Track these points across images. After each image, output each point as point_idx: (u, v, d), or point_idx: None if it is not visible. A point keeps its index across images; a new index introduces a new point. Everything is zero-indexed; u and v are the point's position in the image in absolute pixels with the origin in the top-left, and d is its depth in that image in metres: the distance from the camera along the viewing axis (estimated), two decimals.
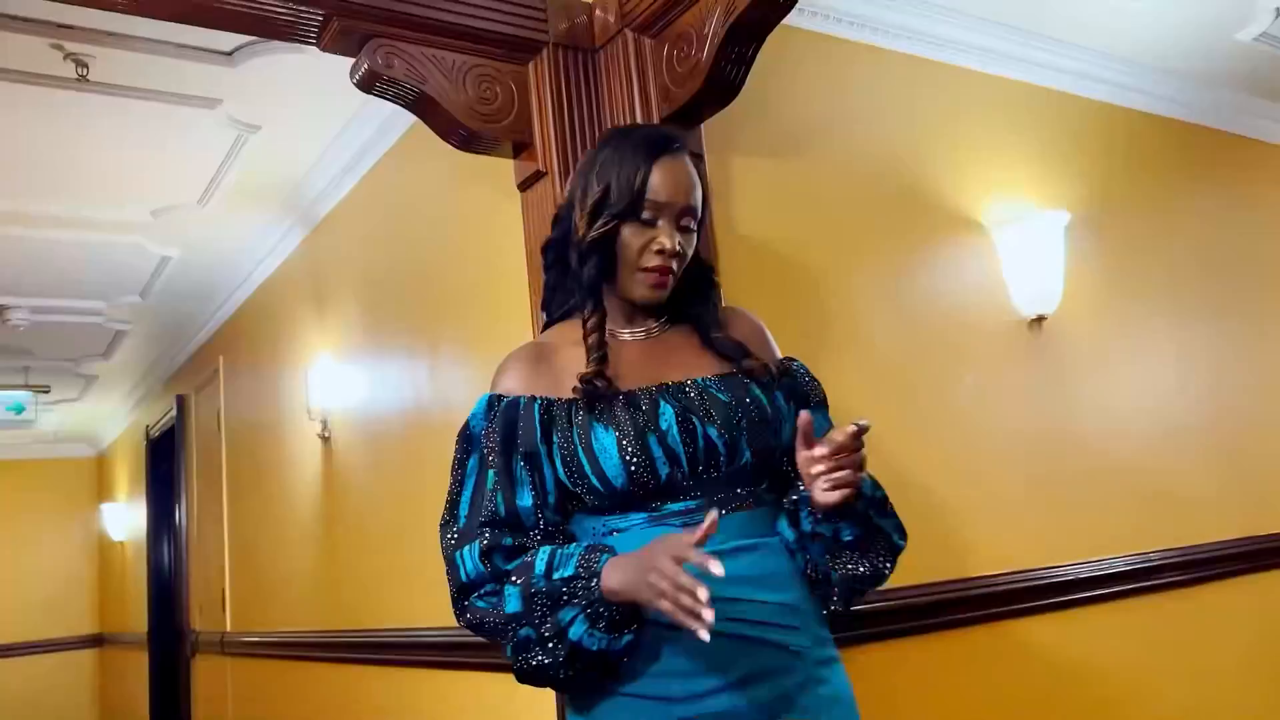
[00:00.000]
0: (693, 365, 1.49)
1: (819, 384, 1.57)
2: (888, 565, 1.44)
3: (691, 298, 1.56)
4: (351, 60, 2.00)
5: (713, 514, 1.24)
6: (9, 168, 3.42)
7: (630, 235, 1.45)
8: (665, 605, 1.20)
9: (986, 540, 2.49)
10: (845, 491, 1.31)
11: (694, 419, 1.40)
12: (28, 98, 2.94)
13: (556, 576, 1.32)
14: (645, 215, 1.45)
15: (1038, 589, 2.50)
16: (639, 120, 2.04)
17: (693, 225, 1.49)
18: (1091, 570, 2.63)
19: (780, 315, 2.27)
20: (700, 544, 1.22)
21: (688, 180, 1.48)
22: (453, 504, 1.44)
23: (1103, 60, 3.08)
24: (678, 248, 1.45)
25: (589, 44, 2.15)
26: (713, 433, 1.39)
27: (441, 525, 1.44)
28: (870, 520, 1.42)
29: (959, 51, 2.78)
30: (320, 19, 1.91)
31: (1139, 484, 2.87)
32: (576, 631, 1.30)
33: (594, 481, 1.39)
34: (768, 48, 1.97)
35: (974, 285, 2.69)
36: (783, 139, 2.43)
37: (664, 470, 1.38)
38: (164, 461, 6.35)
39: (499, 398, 1.45)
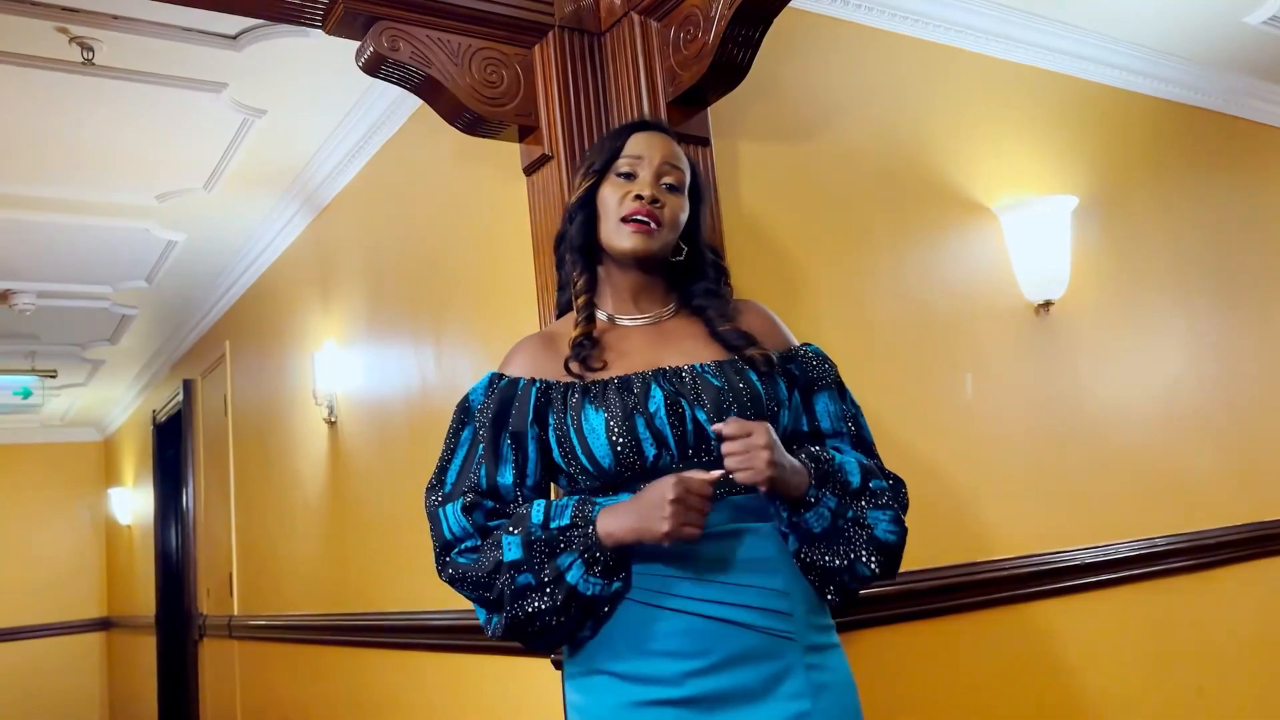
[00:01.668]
0: (694, 352, 1.50)
1: (831, 367, 1.58)
2: (872, 560, 1.43)
3: (697, 285, 1.58)
4: (357, 43, 1.99)
5: (718, 472, 1.33)
6: (14, 152, 3.42)
7: (609, 190, 1.53)
8: (670, 525, 1.30)
9: (992, 525, 2.49)
10: (746, 474, 1.34)
11: (683, 402, 1.41)
12: (33, 82, 2.93)
13: (554, 525, 1.38)
14: (623, 169, 1.53)
15: (1043, 574, 2.50)
16: (645, 103, 2.04)
17: (677, 186, 1.53)
18: (1097, 555, 2.63)
19: (786, 299, 2.29)
20: (708, 494, 1.33)
21: (666, 145, 1.56)
22: (441, 469, 1.51)
23: (1110, 44, 3.06)
24: (656, 195, 1.50)
25: (595, 27, 2.14)
26: (701, 416, 1.41)
27: (428, 488, 1.52)
28: (843, 515, 1.42)
29: (966, 35, 2.76)
30: (326, 1, 1.91)
31: (1145, 469, 2.87)
32: (574, 576, 1.36)
33: (584, 462, 1.43)
34: (774, 31, 1.96)
35: (980, 270, 2.68)
36: (789, 123, 2.42)
37: (650, 452, 1.40)
38: (171, 446, 6.37)
39: (500, 376, 1.52)
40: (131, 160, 3.57)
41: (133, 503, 7.83)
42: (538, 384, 1.48)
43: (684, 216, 1.54)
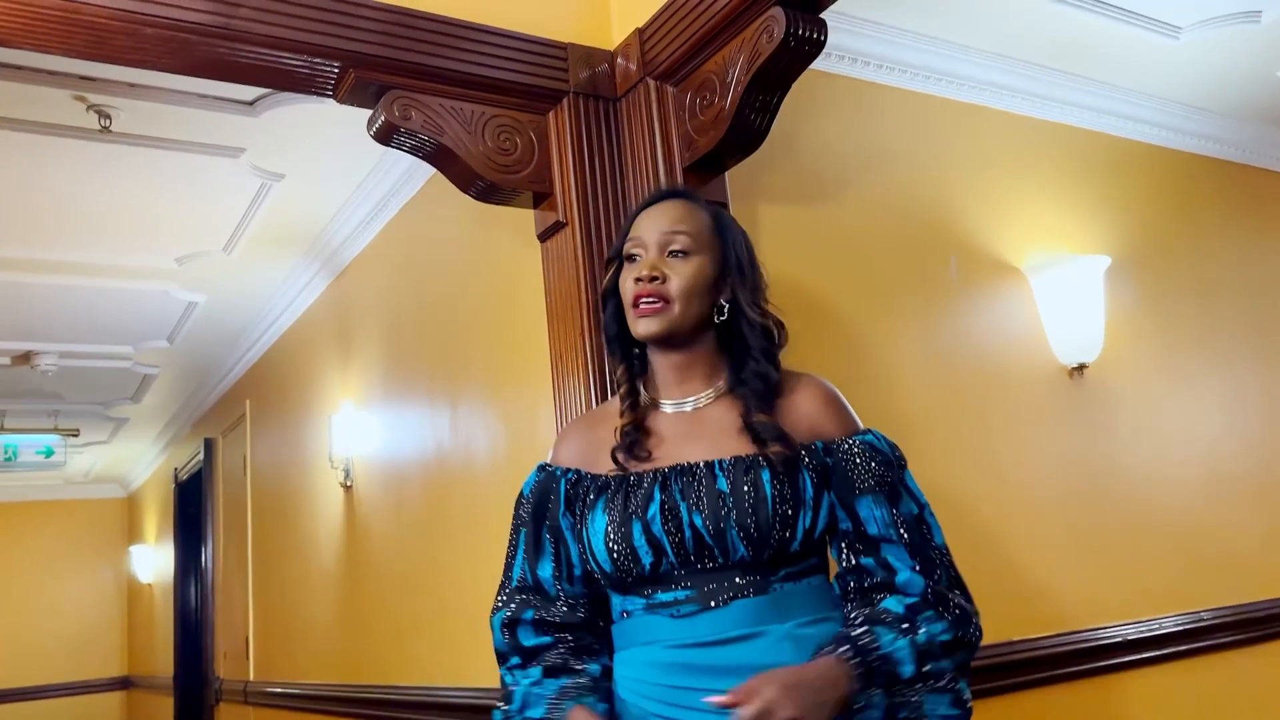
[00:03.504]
0: (721, 445, 1.40)
1: (879, 465, 1.41)
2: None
3: (748, 366, 1.44)
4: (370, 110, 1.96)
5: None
6: (37, 217, 3.44)
7: (624, 276, 1.47)
8: None
9: (1027, 600, 2.38)
10: None
11: (681, 508, 1.34)
12: (52, 149, 2.95)
13: (527, 714, 1.35)
14: (633, 253, 1.47)
15: (1082, 652, 2.38)
16: (660, 168, 1.99)
17: (686, 250, 1.43)
18: (1139, 631, 2.51)
19: (809, 364, 2.21)
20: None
21: (668, 213, 1.47)
22: (506, 568, 1.49)
23: (1141, 100, 3.00)
24: (655, 271, 1.42)
25: (610, 92, 2.10)
26: (699, 522, 1.33)
27: (499, 586, 1.50)
28: (895, 712, 1.30)
29: (991, 93, 2.71)
30: (336, 72, 1.88)
31: (1188, 538, 2.75)
32: None
33: (591, 564, 1.40)
34: (793, 92, 1.91)
35: (1011, 333, 2.60)
36: (810, 184, 2.36)
37: (647, 560, 1.34)
38: (192, 504, 6.35)
39: (545, 466, 1.50)
40: (151, 224, 3.57)
41: (154, 561, 7.80)
42: (570, 475, 1.46)
43: (703, 278, 1.43)
